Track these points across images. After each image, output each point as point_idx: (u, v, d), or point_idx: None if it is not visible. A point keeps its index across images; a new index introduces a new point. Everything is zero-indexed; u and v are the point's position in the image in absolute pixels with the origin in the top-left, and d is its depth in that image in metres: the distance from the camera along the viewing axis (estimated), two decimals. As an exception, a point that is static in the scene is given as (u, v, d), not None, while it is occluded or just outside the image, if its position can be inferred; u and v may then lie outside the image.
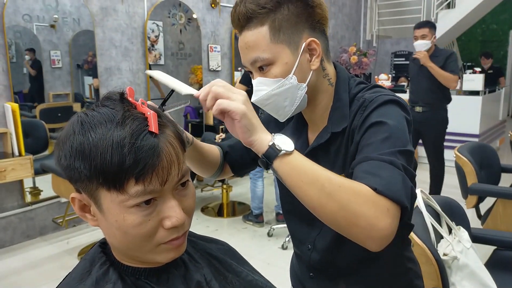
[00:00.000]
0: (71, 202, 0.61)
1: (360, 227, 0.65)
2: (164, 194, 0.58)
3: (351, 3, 6.88)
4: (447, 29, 6.49)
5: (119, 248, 0.62)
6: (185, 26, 4.28)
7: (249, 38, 0.82)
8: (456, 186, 2.46)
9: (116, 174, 0.53)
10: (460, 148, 2.37)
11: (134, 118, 0.56)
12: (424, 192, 1.47)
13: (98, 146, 0.53)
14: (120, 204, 0.55)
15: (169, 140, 0.57)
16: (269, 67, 0.83)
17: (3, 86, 3.01)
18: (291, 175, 0.69)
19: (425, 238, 1.31)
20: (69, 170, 0.57)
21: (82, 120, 0.56)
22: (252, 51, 0.83)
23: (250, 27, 0.82)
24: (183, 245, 0.62)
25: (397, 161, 0.72)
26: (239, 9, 0.82)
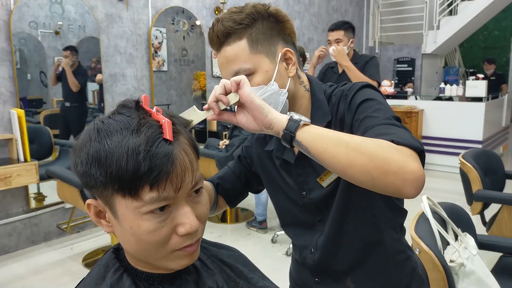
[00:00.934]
0: (87, 208, 0.62)
1: (393, 173, 0.66)
2: (178, 201, 0.58)
3: (353, 10, 6.92)
4: (449, 36, 6.52)
5: (133, 254, 0.62)
6: (188, 33, 4.31)
7: (229, 52, 0.88)
8: (461, 193, 2.46)
9: (131, 181, 0.54)
10: (464, 154, 2.37)
11: (149, 125, 0.57)
12: (431, 199, 1.47)
13: (114, 153, 0.54)
14: (134, 211, 0.56)
15: (183, 148, 0.58)
16: (251, 77, 0.87)
17: (10, 92, 3.04)
18: (315, 141, 0.72)
19: (432, 244, 1.31)
20: (85, 176, 0.58)
21: (99, 127, 0.57)
22: (233, 63, 0.88)
23: (229, 42, 0.88)
24: (196, 252, 0.62)
25: (396, 122, 0.79)
26: (217, 28, 0.88)
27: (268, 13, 0.90)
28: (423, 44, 6.73)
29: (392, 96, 6.19)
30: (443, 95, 5.88)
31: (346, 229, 0.98)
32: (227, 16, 0.88)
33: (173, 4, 4.09)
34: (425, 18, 6.58)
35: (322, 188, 0.97)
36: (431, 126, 5.72)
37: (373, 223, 0.98)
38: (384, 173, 0.67)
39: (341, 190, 0.94)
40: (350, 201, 0.95)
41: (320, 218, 1.01)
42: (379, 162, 0.67)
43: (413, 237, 1.32)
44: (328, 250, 1.00)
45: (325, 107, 0.94)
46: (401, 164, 0.67)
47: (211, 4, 4.48)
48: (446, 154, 5.61)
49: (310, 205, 1.00)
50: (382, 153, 0.67)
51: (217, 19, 0.89)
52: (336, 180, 0.94)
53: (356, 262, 1.01)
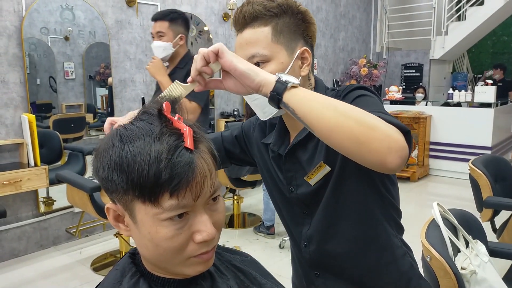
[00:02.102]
0: (106, 212, 0.63)
1: (379, 139, 0.66)
2: (196, 208, 0.59)
3: (361, 16, 6.93)
4: (457, 42, 6.50)
5: (150, 259, 0.63)
6: (196, 39, 4.33)
7: (251, 35, 0.90)
8: (470, 199, 2.44)
9: (152, 188, 0.55)
10: (474, 160, 2.35)
11: (171, 133, 0.57)
12: (441, 205, 1.47)
13: (136, 160, 0.55)
14: (153, 217, 0.57)
15: (203, 156, 0.59)
16: (265, 64, 0.89)
17: (21, 97, 3.07)
18: (303, 103, 0.71)
19: (443, 251, 1.30)
20: (106, 181, 0.58)
21: (121, 133, 0.58)
22: (252, 47, 0.89)
23: (254, 25, 0.90)
24: (211, 259, 0.63)
25: (386, 115, 0.75)
26: (245, 8, 0.90)
27: (298, 10, 0.92)
28: (431, 49, 6.71)
29: (399, 102, 6.17)
30: (451, 100, 5.85)
31: (338, 224, 0.99)
32: (254, 2, 0.90)
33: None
34: (433, 23, 6.57)
35: (310, 185, 0.98)
36: (440, 132, 5.69)
37: (366, 219, 0.99)
38: (370, 139, 0.66)
39: (331, 188, 0.95)
40: (340, 197, 0.96)
41: (307, 212, 1.03)
42: (367, 128, 0.67)
43: (424, 243, 1.31)
44: (321, 244, 1.02)
45: None
46: (387, 132, 0.67)
47: (220, 10, 4.51)
48: (455, 160, 5.58)
49: (297, 200, 1.02)
50: (370, 120, 0.68)
51: (248, 1, 0.91)
52: (326, 177, 0.95)
53: (351, 257, 1.01)
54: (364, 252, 1.01)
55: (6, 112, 3.02)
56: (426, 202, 4.82)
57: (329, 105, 0.69)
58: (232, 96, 4.75)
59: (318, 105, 0.70)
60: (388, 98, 6.22)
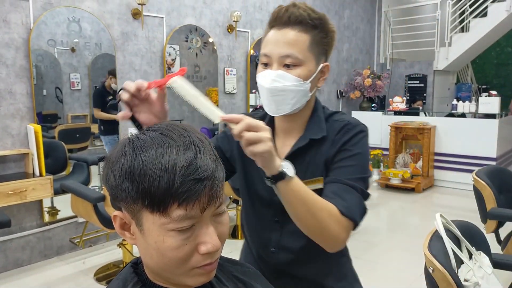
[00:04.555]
0: (112, 220, 0.64)
1: (328, 238, 0.92)
2: (202, 220, 0.59)
3: (364, 27, 6.97)
4: (461, 53, 6.51)
5: (153, 268, 0.63)
6: (201, 50, 4.38)
7: (292, 36, 0.96)
8: (474, 210, 2.43)
9: (162, 198, 0.56)
10: (478, 171, 2.35)
11: (184, 146, 0.59)
12: (444, 216, 1.46)
13: (147, 170, 0.56)
14: (161, 227, 0.57)
15: (213, 169, 0.60)
16: (296, 67, 0.96)
17: (27, 108, 3.11)
18: (289, 194, 0.87)
19: (446, 263, 1.30)
20: (116, 189, 0.59)
21: (134, 143, 0.59)
22: (289, 47, 0.95)
23: (296, 28, 0.96)
24: (214, 270, 0.63)
25: (358, 186, 0.97)
26: (292, 9, 0.96)
27: (331, 28, 1.02)
28: (435, 60, 6.73)
29: (404, 113, 6.17)
30: (455, 111, 5.84)
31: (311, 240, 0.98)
32: (304, 7, 0.97)
33: (187, 23, 4.17)
34: (436, 35, 6.59)
35: None
36: (444, 143, 5.68)
37: None
38: (322, 236, 0.92)
39: None
40: None
41: (279, 219, 1.07)
42: (322, 229, 0.90)
43: (426, 255, 1.31)
44: (293, 255, 1.08)
45: (322, 123, 1.05)
46: (335, 235, 0.91)
47: (224, 22, 4.56)
48: (460, 171, 5.55)
49: (275, 204, 1.01)
50: (327, 224, 0.89)
51: (293, 4, 0.97)
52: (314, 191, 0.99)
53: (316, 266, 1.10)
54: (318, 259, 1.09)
55: (12, 123, 3.05)
56: (431, 213, 4.78)
57: (305, 204, 0.88)
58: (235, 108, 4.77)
59: (299, 200, 0.87)
60: (392, 109, 6.23)
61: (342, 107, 6.58)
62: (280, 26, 0.97)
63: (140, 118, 0.85)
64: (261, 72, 0.99)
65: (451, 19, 6.48)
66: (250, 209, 1.13)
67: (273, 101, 0.98)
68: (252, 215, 1.13)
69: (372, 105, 6.52)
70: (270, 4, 5.10)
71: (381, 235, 3.98)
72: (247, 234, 1.18)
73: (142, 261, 0.67)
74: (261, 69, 1.00)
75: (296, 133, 1.07)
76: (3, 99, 3.00)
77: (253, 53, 4.91)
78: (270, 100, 0.99)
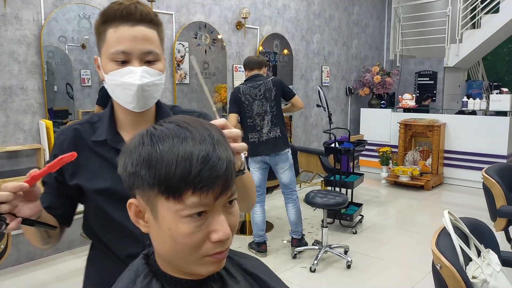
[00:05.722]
0: (128, 207, 0.66)
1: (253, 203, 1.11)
2: (215, 208, 0.62)
3: (374, 23, 6.93)
4: (472, 49, 6.44)
5: (165, 256, 0.65)
6: (209, 47, 4.39)
7: (148, 33, 0.97)
8: (484, 209, 2.41)
9: (177, 185, 0.58)
10: (487, 169, 2.33)
11: (200, 137, 0.61)
12: (452, 213, 1.46)
13: (164, 158, 0.59)
14: (175, 213, 0.60)
15: (227, 160, 0.62)
16: (156, 62, 0.99)
17: (39, 104, 3.15)
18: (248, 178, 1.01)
19: (454, 260, 1.30)
20: (133, 177, 0.62)
21: (152, 133, 0.62)
22: (149, 44, 0.97)
23: (147, 25, 0.97)
24: (224, 260, 0.65)
25: None
26: (140, 7, 0.97)
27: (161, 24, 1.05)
28: (445, 57, 6.67)
29: (413, 110, 6.14)
30: (466, 109, 5.79)
31: None
32: (143, 5, 0.98)
33: (196, 19, 4.19)
34: (447, 31, 6.53)
35: None
36: (454, 140, 5.64)
37: None
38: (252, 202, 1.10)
39: None
40: None
41: None
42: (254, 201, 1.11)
43: (434, 251, 1.31)
44: None
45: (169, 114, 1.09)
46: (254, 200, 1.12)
47: (233, 19, 4.57)
48: (470, 169, 5.51)
49: None
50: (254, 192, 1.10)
51: (137, 1, 0.97)
52: None
53: None
54: None
55: (24, 118, 3.09)
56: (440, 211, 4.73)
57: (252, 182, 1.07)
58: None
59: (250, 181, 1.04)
60: (402, 106, 6.19)
61: (351, 104, 6.56)
62: (133, 23, 0.95)
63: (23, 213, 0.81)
64: (122, 69, 0.95)
65: (462, 15, 6.41)
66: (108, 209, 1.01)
67: (142, 97, 0.98)
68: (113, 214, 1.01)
69: (381, 102, 6.49)
70: (279, 1, 5.10)
71: (389, 233, 3.97)
72: (104, 238, 1.05)
73: (154, 250, 0.69)
74: (115, 67, 0.96)
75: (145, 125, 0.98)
76: (15, 95, 3.05)
77: (261, 50, 4.91)
78: (139, 97, 0.97)
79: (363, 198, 4.98)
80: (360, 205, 4.17)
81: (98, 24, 0.98)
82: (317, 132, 5.93)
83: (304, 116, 5.68)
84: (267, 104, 3.25)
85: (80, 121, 1.09)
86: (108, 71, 0.97)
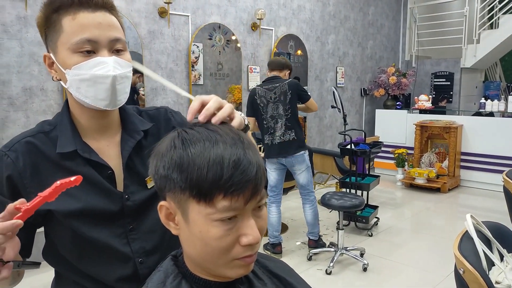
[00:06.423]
0: (158, 210, 0.67)
1: None
2: (244, 212, 0.62)
3: (389, 24, 6.87)
4: (489, 50, 6.35)
5: (195, 258, 0.66)
6: (223, 48, 4.40)
7: (113, 20, 0.86)
8: (502, 212, 2.38)
9: (209, 189, 0.59)
10: (508, 172, 2.30)
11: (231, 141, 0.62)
12: (475, 217, 1.44)
13: (196, 162, 0.59)
14: (206, 217, 0.60)
15: (257, 164, 0.63)
16: (124, 52, 0.87)
17: (57, 104, 3.20)
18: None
19: (477, 265, 1.28)
20: (165, 179, 0.63)
21: (183, 136, 0.63)
22: (115, 31, 0.85)
23: (111, 12, 0.86)
24: (252, 263, 0.66)
25: None
26: None
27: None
28: (462, 58, 6.58)
29: (429, 111, 6.07)
30: (483, 110, 5.71)
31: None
32: None
33: (212, 21, 4.21)
34: (464, 31, 6.44)
35: (147, 189, 0.93)
36: (471, 142, 5.56)
37: None
38: None
39: None
40: None
41: (134, 226, 0.92)
42: None
43: (457, 256, 1.29)
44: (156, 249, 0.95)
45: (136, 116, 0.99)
46: None
47: (248, 20, 4.58)
48: (487, 171, 5.43)
49: (130, 211, 0.91)
50: None
51: None
52: None
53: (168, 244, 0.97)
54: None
55: (44, 119, 3.13)
56: (457, 214, 4.70)
57: None
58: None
59: None
60: (418, 107, 6.13)
61: (366, 105, 6.52)
62: (93, 8, 0.83)
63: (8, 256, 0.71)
64: (89, 61, 0.81)
65: (479, 15, 6.33)
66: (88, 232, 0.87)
67: (115, 91, 0.84)
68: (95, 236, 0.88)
69: (397, 103, 6.43)
70: (294, 2, 5.09)
71: (405, 235, 3.93)
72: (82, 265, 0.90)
73: (183, 253, 0.69)
74: (80, 59, 0.81)
75: (112, 130, 0.93)
76: (36, 96, 3.10)
77: (276, 51, 4.91)
78: (112, 91, 0.84)
79: (378, 200, 4.94)
80: (376, 207, 4.14)
81: (47, 13, 0.83)
82: (331, 133, 5.90)
83: (318, 117, 5.66)
84: (281, 107, 3.26)
85: (28, 132, 0.90)
86: (70, 65, 0.82)
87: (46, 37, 0.86)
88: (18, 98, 3.03)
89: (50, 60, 0.87)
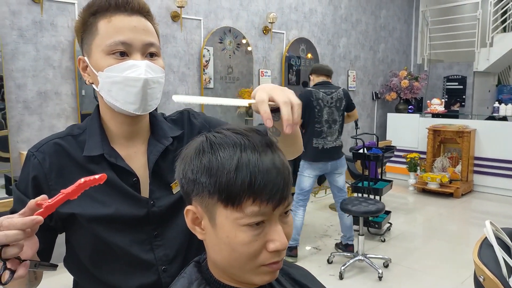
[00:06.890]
0: (185, 214, 0.66)
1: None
2: (272, 218, 0.62)
3: (401, 27, 6.83)
4: (503, 53, 6.28)
5: (221, 264, 0.65)
6: (234, 51, 4.41)
7: (148, 25, 0.86)
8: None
9: (237, 193, 0.58)
10: (526, 178, 2.26)
11: (261, 145, 0.62)
12: (494, 224, 1.42)
13: (225, 166, 0.59)
14: (234, 221, 0.60)
15: (286, 170, 0.62)
16: (157, 57, 0.87)
17: (71, 108, 3.23)
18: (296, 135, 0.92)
19: (497, 272, 1.26)
20: (193, 183, 0.62)
21: (211, 140, 0.62)
22: (150, 36, 0.85)
23: (146, 17, 0.86)
24: (278, 270, 0.65)
25: None
26: None
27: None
28: (475, 61, 6.51)
29: (442, 115, 6.01)
30: (497, 114, 5.64)
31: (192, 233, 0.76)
32: None
33: (224, 25, 4.22)
34: (477, 35, 6.38)
35: (172, 195, 0.91)
36: (485, 147, 5.49)
37: None
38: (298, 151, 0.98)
39: None
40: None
41: (159, 232, 0.89)
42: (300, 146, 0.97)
43: (476, 263, 1.27)
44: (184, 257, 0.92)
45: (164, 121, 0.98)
46: None
47: (260, 24, 4.58)
48: (501, 176, 5.35)
49: (154, 217, 0.89)
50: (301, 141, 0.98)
51: None
52: None
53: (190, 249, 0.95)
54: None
55: (58, 122, 3.17)
56: (470, 219, 4.64)
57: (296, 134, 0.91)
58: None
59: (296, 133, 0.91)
60: (430, 111, 6.07)
61: (378, 109, 6.48)
62: (130, 12, 0.83)
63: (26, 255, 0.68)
64: (121, 64, 0.81)
65: (492, 19, 6.26)
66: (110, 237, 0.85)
67: (146, 95, 0.83)
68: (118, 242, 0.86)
69: (409, 107, 6.39)
70: (305, 5, 5.09)
71: (418, 241, 3.89)
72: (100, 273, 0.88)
73: (208, 258, 0.69)
74: (113, 61, 0.81)
75: (141, 137, 0.92)
76: (50, 99, 3.13)
77: (287, 55, 4.91)
78: (144, 95, 0.83)
79: (390, 205, 4.90)
80: (389, 212, 4.10)
81: (85, 17, 0.84)
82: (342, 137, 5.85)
83: (329, 121, 5.64)
84: (337, 113, 3.34)
85: (57, 134, 0.92)
86: (103, 67, 0.82)
87: (82, 41, 0.86)
88: (33, 101, 3.06)
89: (84, 64, 0.87)
